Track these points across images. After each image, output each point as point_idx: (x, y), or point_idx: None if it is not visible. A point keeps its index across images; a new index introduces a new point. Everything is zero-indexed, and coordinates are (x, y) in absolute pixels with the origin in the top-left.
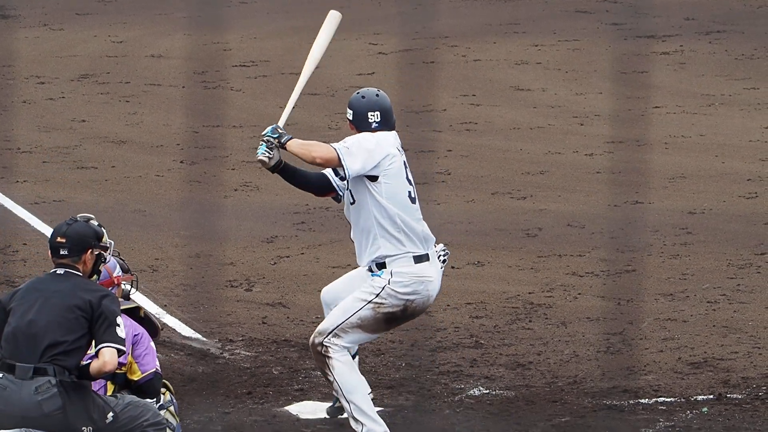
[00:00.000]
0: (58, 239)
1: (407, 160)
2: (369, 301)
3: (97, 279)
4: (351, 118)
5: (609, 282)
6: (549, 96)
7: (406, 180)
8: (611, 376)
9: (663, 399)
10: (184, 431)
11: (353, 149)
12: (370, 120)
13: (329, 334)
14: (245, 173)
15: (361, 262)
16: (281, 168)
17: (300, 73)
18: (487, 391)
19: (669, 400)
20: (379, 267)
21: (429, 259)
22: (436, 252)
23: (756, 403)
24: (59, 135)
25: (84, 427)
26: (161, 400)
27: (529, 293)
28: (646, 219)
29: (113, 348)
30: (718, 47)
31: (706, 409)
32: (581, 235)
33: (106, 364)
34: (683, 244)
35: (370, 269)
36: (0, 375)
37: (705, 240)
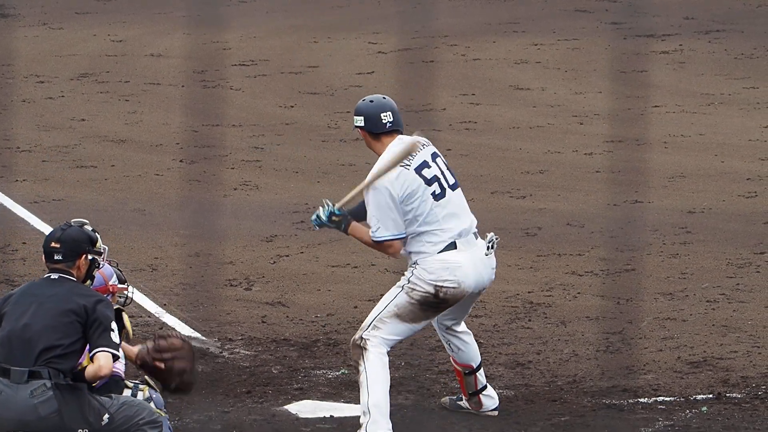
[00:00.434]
0: (52, 244)
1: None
2: (402, 287)
3: (91, 284)
4: (362, 124)
5: (608, 281)
6: (548, 95)
7: (425, 185)
8: (610, 375)
9: (662, 398)
10: (183, 430)
11: (382, 219)
12: (384, 121)
13: (369, 326)
14: (245, 172)
15: None
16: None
17: None
18: None
19: (668, 399)
20: (411, 257)
21: (456, 247)
22: (471, 239)
23: (755, 403)
24: (59, 134)
25: (80, 430)
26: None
27: (529, 292)
28: (645, 218)
29: (108, 352)
30: (717, 46)
31: (705, 409)
32: (581, 235)
33: (101, 368)
34: (683, 243)
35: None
36: None
37: (704, 239)
